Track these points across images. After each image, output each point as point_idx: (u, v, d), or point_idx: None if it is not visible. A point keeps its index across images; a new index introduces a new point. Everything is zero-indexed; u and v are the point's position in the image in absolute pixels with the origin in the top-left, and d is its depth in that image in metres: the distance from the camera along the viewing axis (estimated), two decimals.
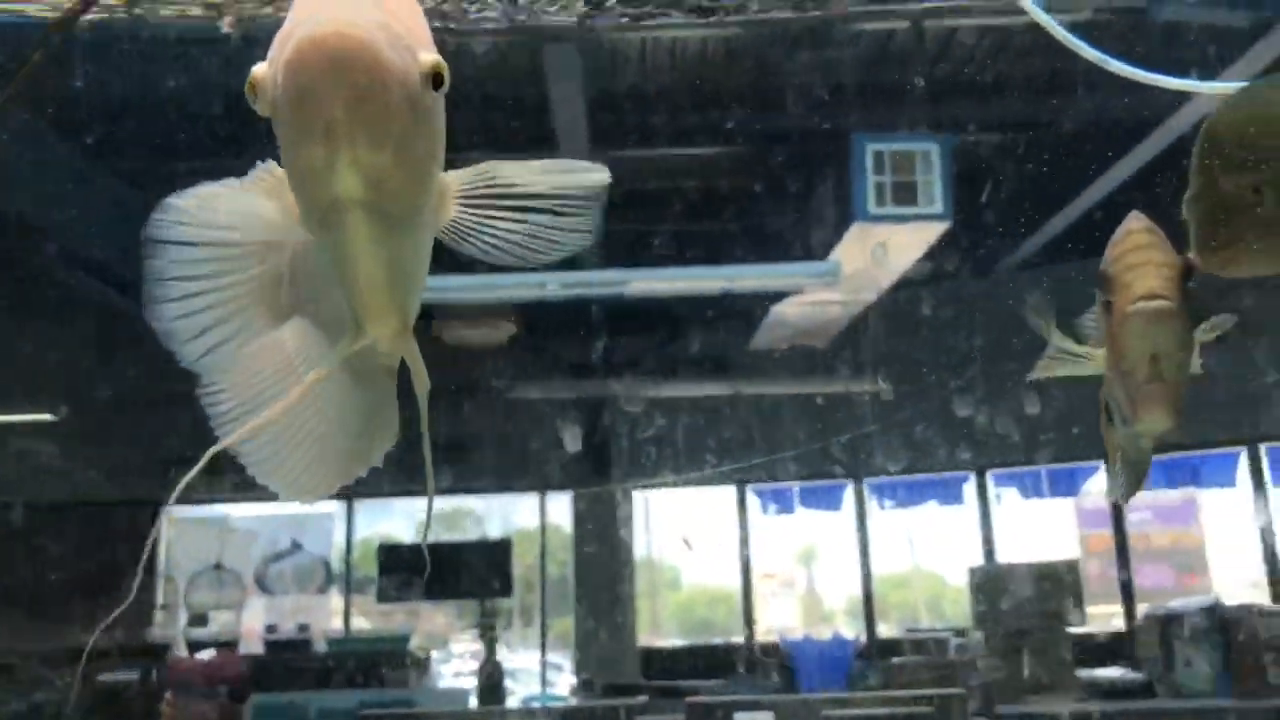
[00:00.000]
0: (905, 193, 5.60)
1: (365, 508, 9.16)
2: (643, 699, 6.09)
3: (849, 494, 8.50)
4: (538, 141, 6.39)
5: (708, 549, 9.65)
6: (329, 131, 0.69)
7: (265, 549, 8.82)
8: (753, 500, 8.73)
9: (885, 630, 8.81)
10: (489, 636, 6.76)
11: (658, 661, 8.62)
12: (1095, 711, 5.75)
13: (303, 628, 8.12)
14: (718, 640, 9.37)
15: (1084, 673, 6.38)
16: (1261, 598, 7.31)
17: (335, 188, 0.71)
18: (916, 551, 9.80)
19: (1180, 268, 1.07)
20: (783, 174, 6.78)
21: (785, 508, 8.62)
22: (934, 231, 5.84)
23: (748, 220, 7.31)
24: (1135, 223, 1.14)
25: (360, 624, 9.24)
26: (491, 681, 6.50)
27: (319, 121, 0.69)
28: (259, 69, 0.72)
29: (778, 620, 10.68)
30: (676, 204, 7.51)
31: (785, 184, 6.83)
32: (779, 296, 7.17)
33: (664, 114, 6.74)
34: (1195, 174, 1.06)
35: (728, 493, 8.75)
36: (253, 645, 8.09)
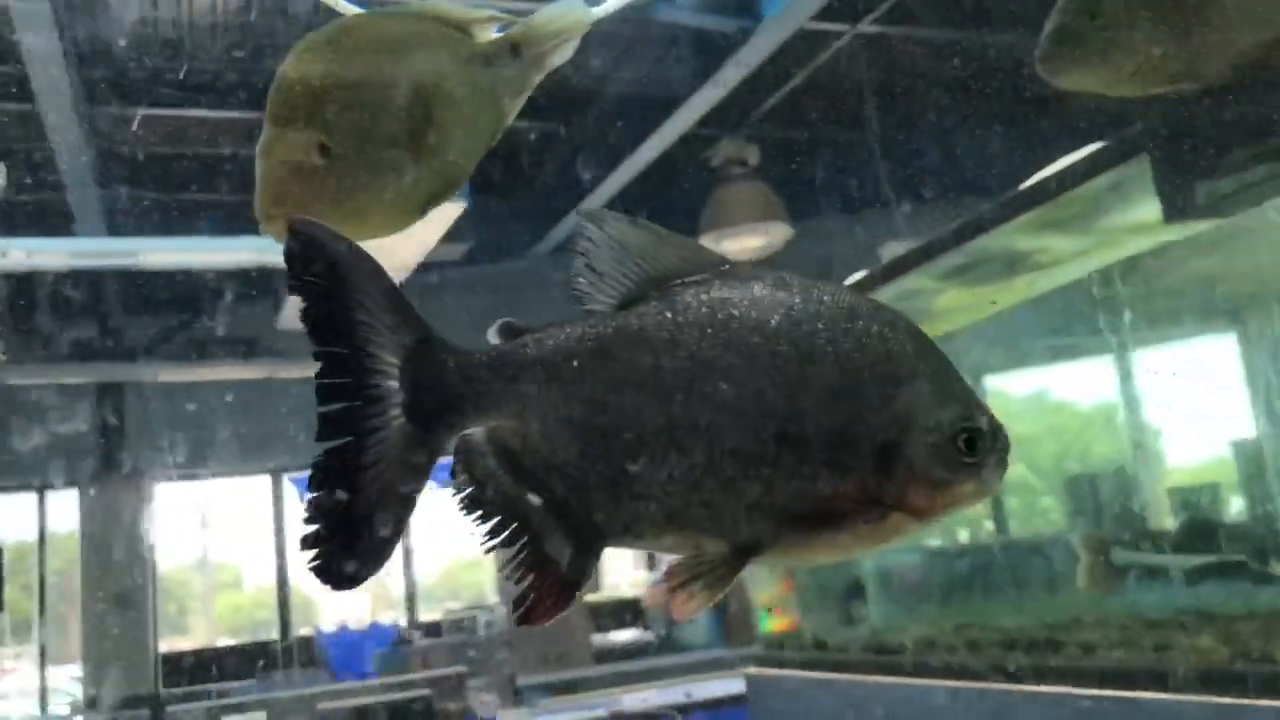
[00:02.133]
0: None
1: None
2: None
3: None
4: (9, 92, 5.59)
5: (260, 543, 9.11)
6: None
7: None
8: (291, 489, 8.32)
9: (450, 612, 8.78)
10: None
11: (186, 668, 8.02)
12: (605, 674, 6.03)
13: None
14: (259, 639, 8.86)
15: (599, 638, 6.71)
16: None
17: None
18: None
19: None
20: None
21: None
22: (451, 213, 5.81)
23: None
24: None
25: None
26: None
27: None
28: None
29: (345, 612, 10.33)
30: (191, 170, 6.93)
31: None
32: None
33: (174, 72, 6.17)
34: (266, 123, 0.94)
35: (263, 482, 8.27)
36: None
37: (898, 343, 0.91)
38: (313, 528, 0.84)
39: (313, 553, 0.85)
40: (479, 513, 0.91)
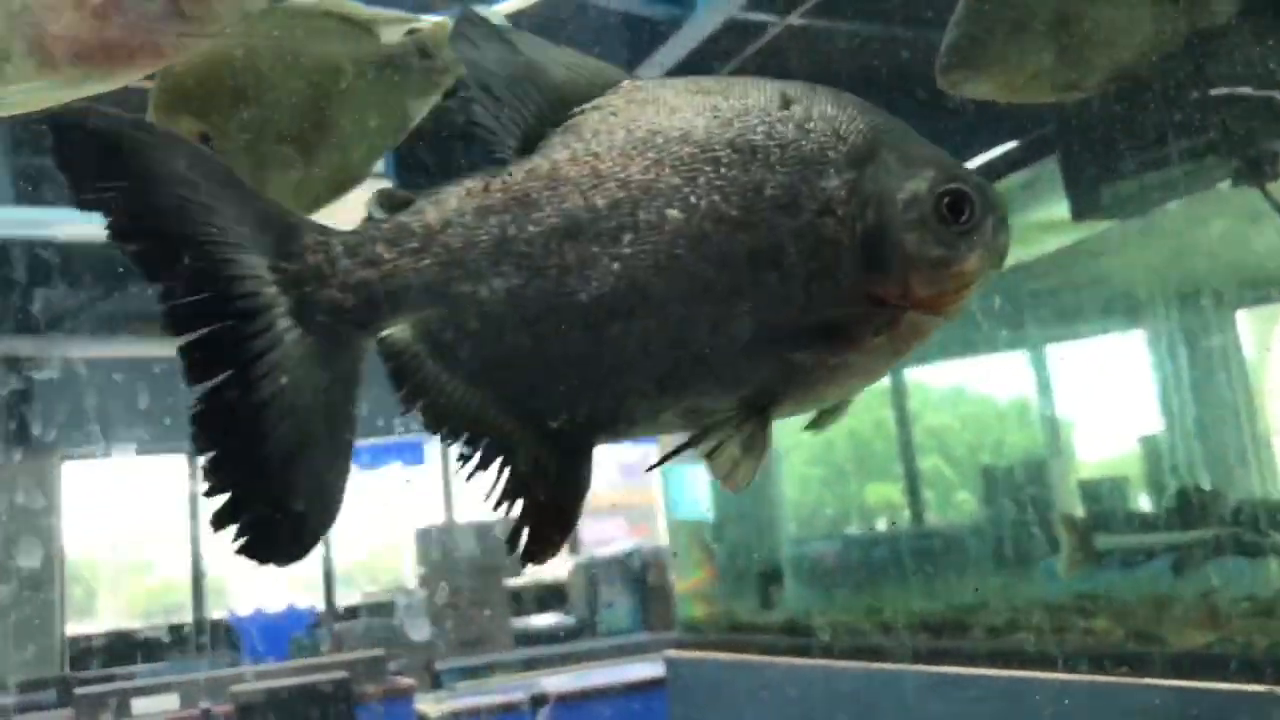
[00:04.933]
0: None
1: None
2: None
3: None
4: None
5: (174, 525, 8.92)
6: None
7: None
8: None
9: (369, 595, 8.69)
10: None
11: (95, 651, 7.85)
12: (521, 660, 6.05)
13: None
14: (170, 622, 8.70)
15: (520, 621, 6.72)
16: None
17: None
18: (398, 513, 9.78)
19: None
20: None
21: None
22: (376, 189, 5.75)
23: None
24: None
25: None
26: None
27: None
28: None
29: (260, 595, 10.16)
30: None
31: None
32: None
33: None
34: (150, 109, 0.93)
35: (177, 463, 8.10)
36: None
37: (846, 118, 0.77)
38: (221, 499, 0.63)
39: (232, 532, 0.65)
40: (443, 430, 0.73)
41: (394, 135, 1.02)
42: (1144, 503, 3.85)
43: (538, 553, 0.75)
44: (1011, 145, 2.48)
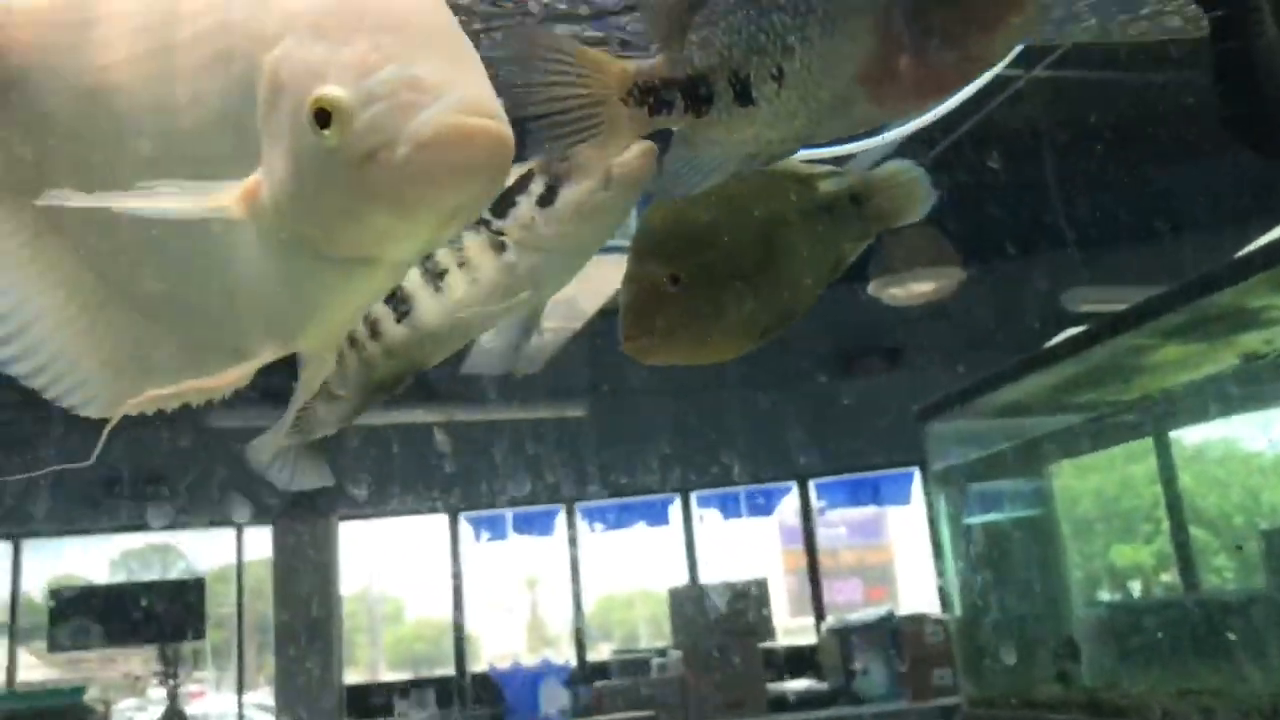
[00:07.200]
0: None
1: (36, 547, 8.31)
2: None
3: (561, 519, 8.55)
4: None
5: (428, 579, 9.44)
6: (440, 213, 0.69)
7: None
8: (466, 529, 8.61)
9: (603, 653, 8.89)
10: (170, 685, 6.27)
11: (365, 699, 8.36)
12: None
13: None
14: (431, 673, 9.16)
15: (774, 686, 6.69)
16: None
17: (404, 251, 0.72)
18: (637, 572, 9.99)
19: None
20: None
21: (498, 534, 8.55)
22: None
23: None
24: None
25: (43, 676, 8.40)
26: None
27: (439, 206, 0.68)
28: (338, 95, 0.66)
29: (503, 649, 10.58)
30: None
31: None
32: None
33: None
34: (630, 259, 1.09)
35: (440, 521, 8.58)
36: None
37: None
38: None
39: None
40: None
41: (830, 274, 1.15)
42: None
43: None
44: None
